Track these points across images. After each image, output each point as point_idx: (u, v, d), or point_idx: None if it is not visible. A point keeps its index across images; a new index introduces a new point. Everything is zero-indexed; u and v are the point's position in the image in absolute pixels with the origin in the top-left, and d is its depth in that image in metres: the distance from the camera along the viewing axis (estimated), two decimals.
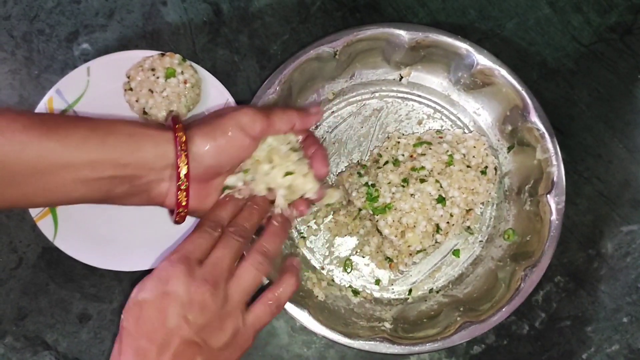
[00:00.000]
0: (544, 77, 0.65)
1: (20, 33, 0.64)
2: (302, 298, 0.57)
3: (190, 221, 0.55)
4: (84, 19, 0.65)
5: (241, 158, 0.50)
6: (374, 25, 0.59)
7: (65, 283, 0.61)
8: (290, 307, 0.56)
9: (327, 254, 0.62)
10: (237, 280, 0.47)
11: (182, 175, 0.46)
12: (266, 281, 0.54)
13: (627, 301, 0.62)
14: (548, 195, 0.56)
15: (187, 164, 0.46)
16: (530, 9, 0.66)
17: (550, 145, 0.57)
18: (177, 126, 0.47)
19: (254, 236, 0.51)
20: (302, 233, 0.62)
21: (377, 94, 0.64)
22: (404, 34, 0.58)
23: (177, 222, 0.50)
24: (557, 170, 0.57)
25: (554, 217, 0.56)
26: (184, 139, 0.46)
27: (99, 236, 0.59)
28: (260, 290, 0.50)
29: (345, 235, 0.62)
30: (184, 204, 0.48)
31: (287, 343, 0.61)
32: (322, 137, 0.63)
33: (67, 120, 0.46)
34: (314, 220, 0.62)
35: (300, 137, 0.54)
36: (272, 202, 0.53)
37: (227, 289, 0.46)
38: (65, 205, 0.47)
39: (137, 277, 0.60)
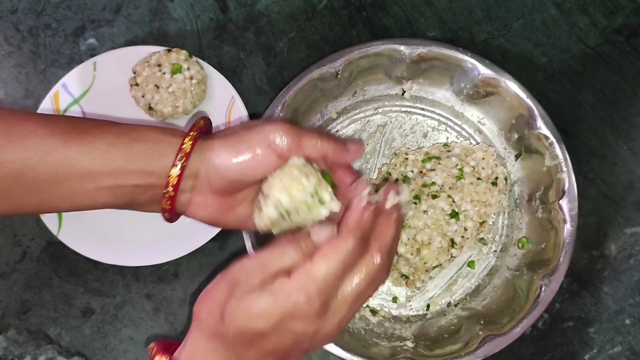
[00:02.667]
0: (550, 78, 0.65)
1: (27, 27, 0.64)
2: None
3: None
4: (90, 13, 0.65)
5: (264, 174, 0.45)
6: (375, 42, 0.58)
7: (68, 277, 0.61)
8: None
9: None
10: None
11: (170, 186, 0.44)
12: None
13: (630, 303, 0.62)
14: (561, 202, 0.56)
15: (180, 175, 0.44)
16: (536, 9, 0.66)
17: (559, 152, 0.56)
18: (190, 133, 0.45)
19: None
20: None
21: (380, 110, 0.63)
22: (404, 49, 0.58)
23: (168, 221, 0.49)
24: (568, 176, 0.56)
25: (568, 224, 0.55)
26: (188, 149, 0.44)
27: (103, 231, 0.59)
28: None
29: None
30: (168, 209, 0.46)
31: None
32: None
33: (95, 125, 0.45)
34: None
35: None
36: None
37: None
38: (92, 210, 0.46)
39: (141, 272, 0.61)
